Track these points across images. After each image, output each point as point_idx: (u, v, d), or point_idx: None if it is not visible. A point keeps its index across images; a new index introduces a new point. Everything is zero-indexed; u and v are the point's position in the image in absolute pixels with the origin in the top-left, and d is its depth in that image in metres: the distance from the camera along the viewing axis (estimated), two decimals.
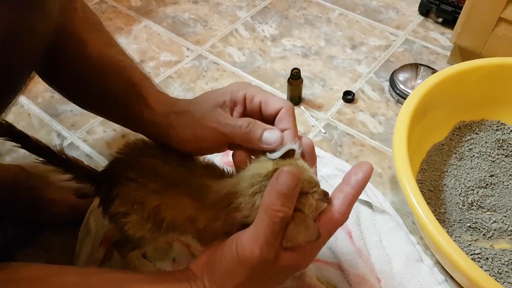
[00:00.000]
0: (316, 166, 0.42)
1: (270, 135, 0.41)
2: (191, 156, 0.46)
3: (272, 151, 0.40)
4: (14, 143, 0.47)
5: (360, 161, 0.40)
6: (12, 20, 0.31)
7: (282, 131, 0.42)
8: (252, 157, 0.44)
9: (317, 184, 0.38)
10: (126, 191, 0.44)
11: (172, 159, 0.45)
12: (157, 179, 0.43)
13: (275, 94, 0.45)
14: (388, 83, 0.88)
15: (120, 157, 0.48)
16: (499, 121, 0.77)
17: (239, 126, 0.41)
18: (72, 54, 0.48)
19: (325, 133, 0.80)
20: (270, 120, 0.44)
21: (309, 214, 0.37)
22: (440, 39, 1.00)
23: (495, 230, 0.63)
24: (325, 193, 0.39)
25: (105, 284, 0.40)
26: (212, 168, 0.46)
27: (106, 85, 0.48)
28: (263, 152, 0.41)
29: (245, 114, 0.44)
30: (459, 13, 0.86)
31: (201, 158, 0.47)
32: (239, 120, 0.42)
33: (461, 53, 0.90)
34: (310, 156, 0.42)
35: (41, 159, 0.49)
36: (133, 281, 0.41)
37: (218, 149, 0.47)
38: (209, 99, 0.44)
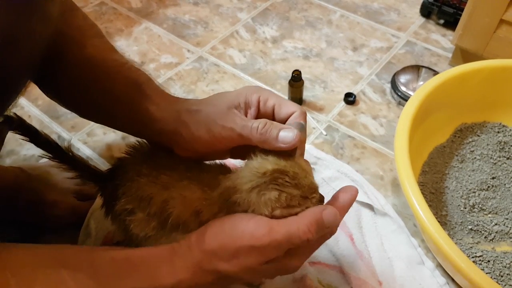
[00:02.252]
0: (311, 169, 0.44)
1: (286, 134, 0.41)
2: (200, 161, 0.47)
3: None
4: (23, 137, 0.47)
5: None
6: (11, 22, 0.31)
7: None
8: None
9: (316, 190, 0.40)
10: (135, 187, 0.44)
11: (184, 160, 0.46)
12: (172, 173, 0.44)
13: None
14: (389, 85, 0.88)
15: (131, 154, 0.48)
16: (500, 123, 0.76)
17: (256, 127, 0.41)
18: (73, 58, 0.47)
19: (326, 135, 0.80)
20: (282, 123, 0.44)
21: None
22: (442, 41, 1.00)
23: (496, 232, 0.63)
24: (321, 199, 0.41)
25: (79, 253, 0.42)
26: (226, 168, 0.46)
27: (110, 86, 0.47)
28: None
29: (258, 116, 0.45)
30: (460, 15, 0.86)
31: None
32: (255, 122, 0.42)
33: (463, 55, 0.90)
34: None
35: (48, 154, 0.49)
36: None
37: (224, 155, 0.48)
38: (223, 100, 0.44)
